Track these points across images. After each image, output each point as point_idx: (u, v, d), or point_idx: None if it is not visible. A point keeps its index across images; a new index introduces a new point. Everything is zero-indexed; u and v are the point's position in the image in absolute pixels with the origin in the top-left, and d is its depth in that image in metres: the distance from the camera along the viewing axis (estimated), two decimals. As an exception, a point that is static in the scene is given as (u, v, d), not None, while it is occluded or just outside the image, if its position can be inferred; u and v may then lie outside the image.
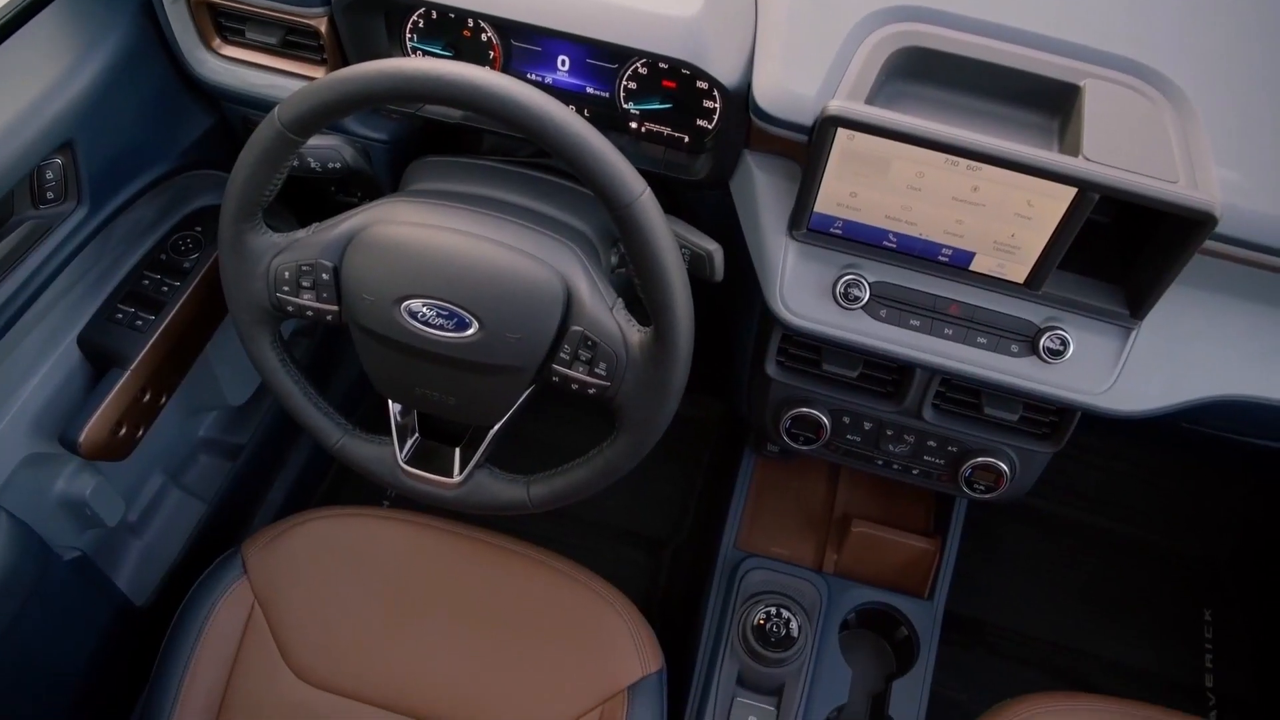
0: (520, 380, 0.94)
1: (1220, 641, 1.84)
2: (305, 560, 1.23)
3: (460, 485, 1.02)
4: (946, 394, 1.09)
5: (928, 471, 1.17)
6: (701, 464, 1.88)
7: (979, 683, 1.69)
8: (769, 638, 1.21)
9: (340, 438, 1.05)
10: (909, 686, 1.28)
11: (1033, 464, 1.13)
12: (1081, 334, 1.01)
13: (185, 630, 1.18)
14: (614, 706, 1.15)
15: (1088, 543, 1.91)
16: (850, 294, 1.00)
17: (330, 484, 1.85)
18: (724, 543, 1.36)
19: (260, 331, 1.01)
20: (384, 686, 1.17)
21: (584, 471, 0.98)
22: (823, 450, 1.17)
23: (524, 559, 1.23)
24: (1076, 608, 1.84)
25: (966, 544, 1.42)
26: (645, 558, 1.79)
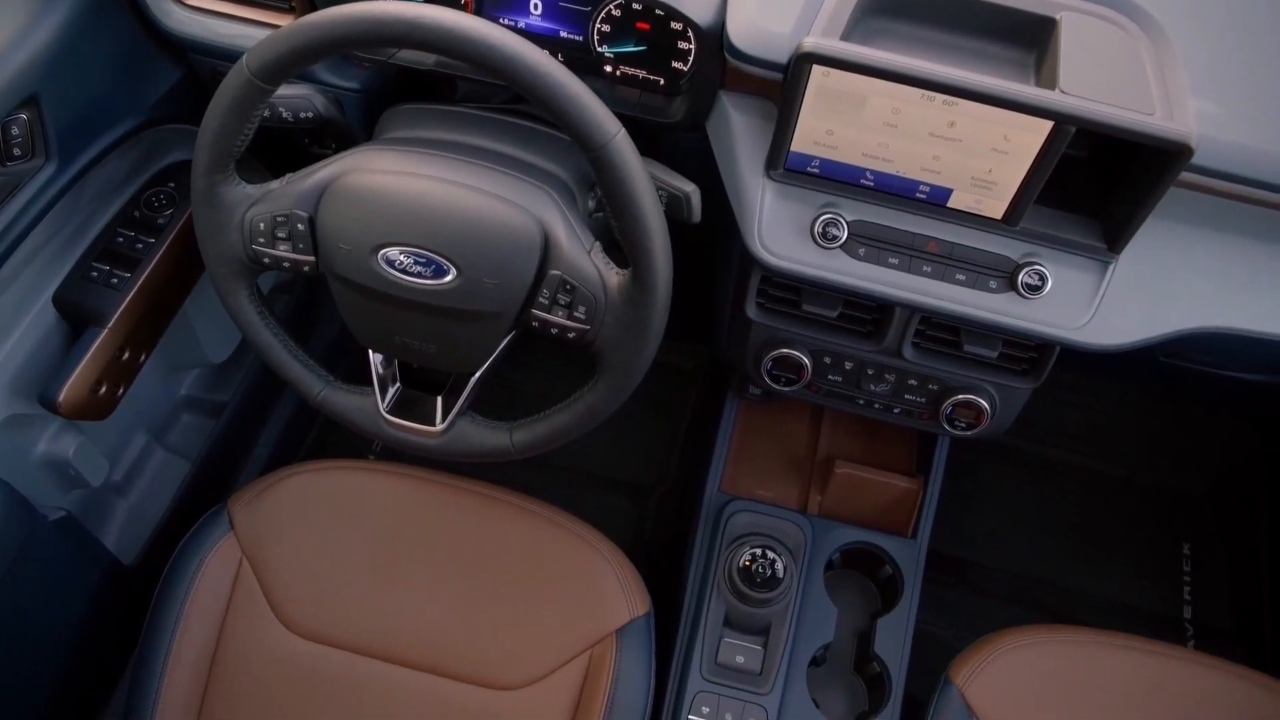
0: (500, 326, 0.93)
1: (1198, 574, 1.87)
2: (291, 514, 1.23)
3: (443, 433, 1.02)
4: (926, 332, 1.09)
5: (909, 410, 1.17)
6: (685, 411, 1.89)
7: (962, 619, 1.71)
8: (755, 579, 1.22)
9: (322, 389, 1.05)
10: (893, 624, 1.30)
11: (1013, 400, 1.14)
12: (1059, 269, 1.01)
13: (174, 587, 1.19)
14: (603, 650, 1.16)
15: (1068, 480, 1.93)
16: (828, 233, 0.99)
17: (315, 439, 1.85)
18: (708, 486, 1.37)
19: (237, 284, 1.00)
20: (374, 636, 1.18)
21: (566, 416, 0.98)
22: (804, 391, 1.17)
23: (510, 506, 1.24)
24: (1058, 544, 1.87)
25: (949, 484, 1.44)
26: (631, 505, 1.81)
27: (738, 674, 1.23)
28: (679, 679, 1.24)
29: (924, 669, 1.28)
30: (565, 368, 1.00)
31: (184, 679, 1.16)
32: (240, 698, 1.17)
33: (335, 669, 1.17)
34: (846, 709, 1.29)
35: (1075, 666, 1.22)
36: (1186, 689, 1.21)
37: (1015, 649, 1.22)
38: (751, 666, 1.23)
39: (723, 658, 1.23)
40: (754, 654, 1.24)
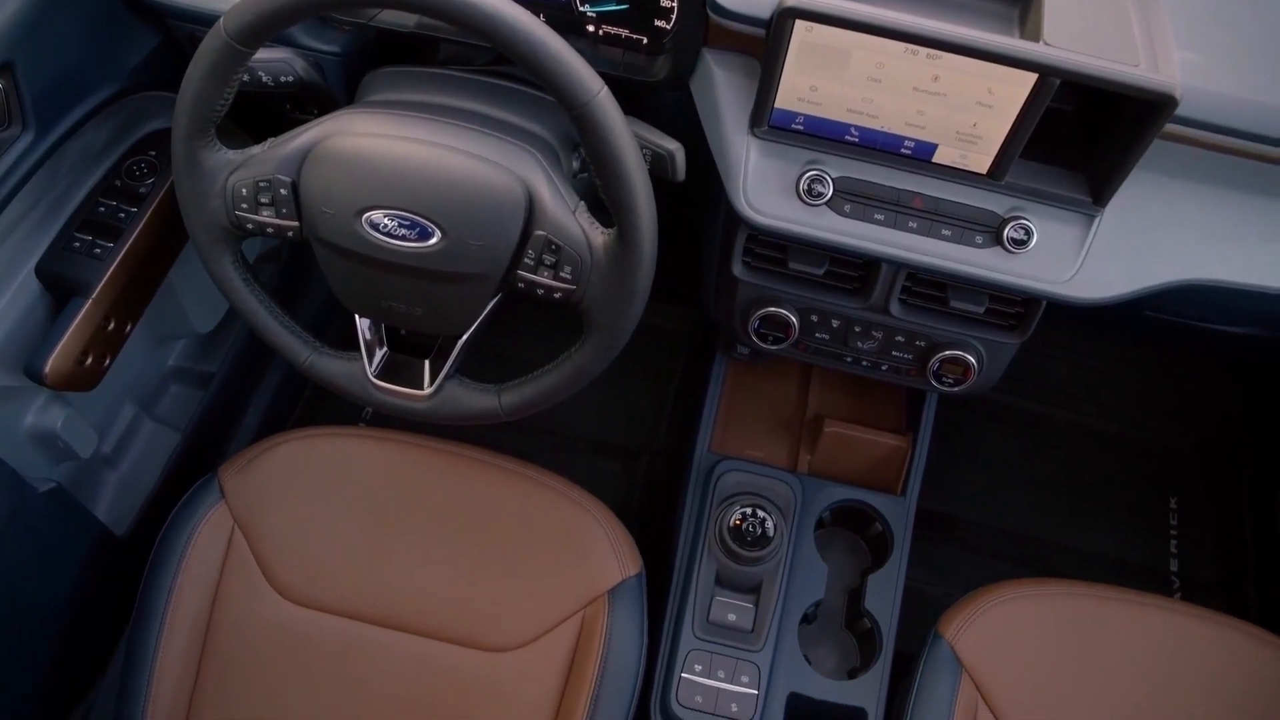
0: (486, 288, 0.93)
1: (1184, 528, 1.89)
2: (282, 481, 1.24)
3: (431, 397, 1.02)
4: (912, 288, 1.10)
5: (897, 367, 1.18)
6: (674, 373, 1.89)
7: (952, 576, 1.73)
8: (745, 537, 1.23)
9: (309, 355, 1.05)
10: (884, 580, 1.31)
11: (1000, 355, 1.14)
12: (1045, 223, 1.01)
13: (166, 557, 1.19)
14: (595, 610, 1.17)
15: (1056, 436, 1.95)
16: (814, 190, 0.99)
17: (304, 408, 1.85)
18: (698, 446, 1.37)
19: (221, 251, 1.00)
20: (367, 601, 1.18)
21: (554, 377, 0.98)
22: (792, 349, 1.18)
23: (500, 470, 1.24)
24: (1046, 500, 1.88)
25: (937, 442, 1.45)
26: (621, 467, 1.81)
27: (730, 632, 1.24)
28: (672, 637, 1.25)
29: (914, 625, 1.29)
30: (553, 332, 0.99)
31: (179, 648, 1.17)
32: (236, 664, 1.18)
33: (329, 634, 1.18)
34: (838, 664, 1.31)
35: (1063, 618, 1.23)
36: (1173, 638, 1.23)
37: (1004, 602, 1.23)
38: (743, 624, 1.24)
39: (715, 616, 1.24)
40: (746, 612, 1.25)
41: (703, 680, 1.21)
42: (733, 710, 1.19)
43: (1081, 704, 1.19)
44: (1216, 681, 1.21)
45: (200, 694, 1.17)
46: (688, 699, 1.20)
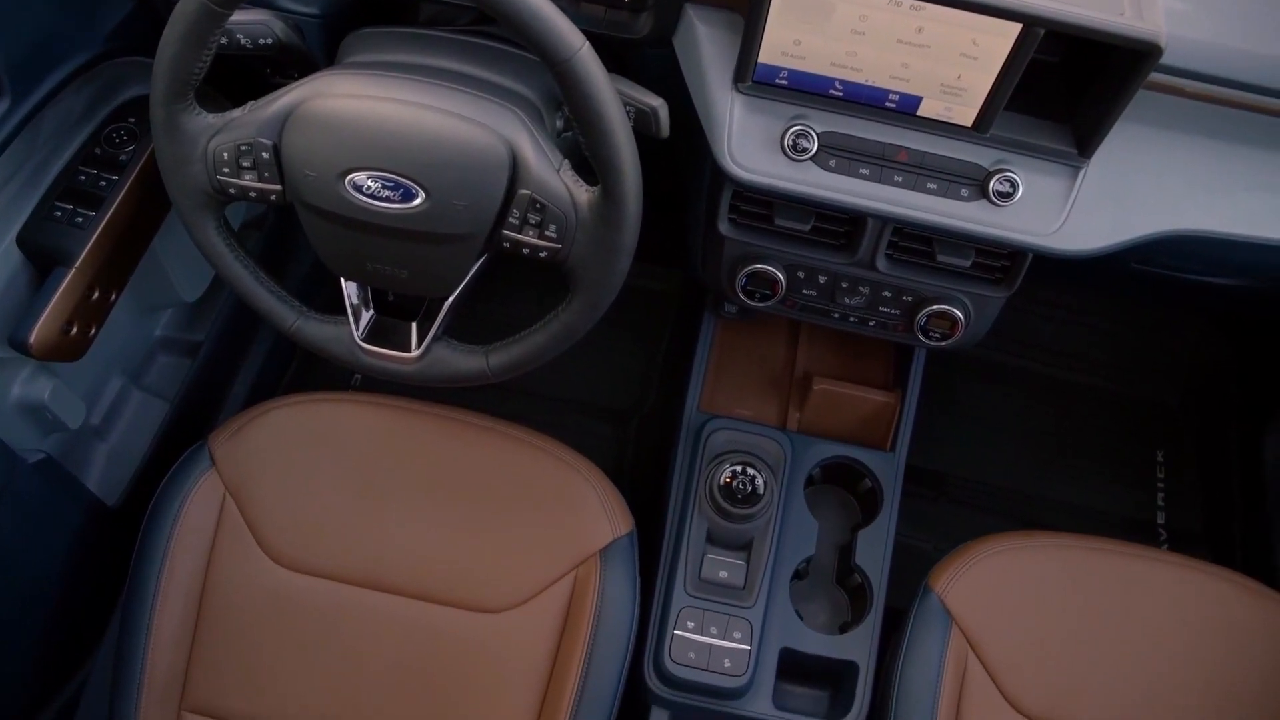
0: (471, 248, 0.93)
1: (1171, 480, 1.90)
2: (272, 448, 1.24)
3: (419, 359, 1.02)
4: (899, 243, 1.10)
5: (884, 322, 1.18)
6: (663, 335, 1.89)
7: (942, 531, 1.74)
8: (736, 495, 1.23)
9: (295, 320, 1.05)
10: (874, 536, 1.32)
11: (987, 309, 1.14)
12: (1030, 175, 1.01)
13: (158, 526, 1.19)
14: (587, 570, 1.18)
15: (1044, 393, 1.96)
16: (799, 145, 0.99)
17: (293, 375, 1.84)
18: (687, 405, 1.38)
19: (204, 217, 0.99)
20: (360, 565, 1.19)
21: (542, 337, 0.98)
22: (779, 306, 1.18)
23: (490, 432, 1.24)
24: (1034, 455, 1.89)
25: (926, 399, 1.45)
26: (612, 429, 1.82)
27: (722, 589, 1.25)
28: (664, 595, 1.26)
29: (904, 580, 1.30)
30: (540, 294, 0.99)
31: (174, 616, 1.17)
32: (231, 631, 1.18)
33: (323, 599, 1.18)
34: (829, 620, 1.32)
35: (1052, 569, 1.24)
36: (1159, 587, 1.24)
37: (993, 555, 1.25)
38: (735, 581, 1.25)
39: (706, 573, 1.25)
40: (737, 569, 1.26)
41: (695, 637, 1.22)
42: (725, 666, 1.20)
43: (1070, 653, 1.20)
44: (1203, 629, 1.23)
45: (196, 660, 1.18)
46: (681, 655, 1.21)
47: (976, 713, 1.19)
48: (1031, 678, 1.20)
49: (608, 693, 1.14)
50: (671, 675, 1.21)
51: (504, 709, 1.16)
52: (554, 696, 1.14)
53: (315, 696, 1.17)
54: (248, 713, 1.17)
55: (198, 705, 1.17)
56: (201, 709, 1.17)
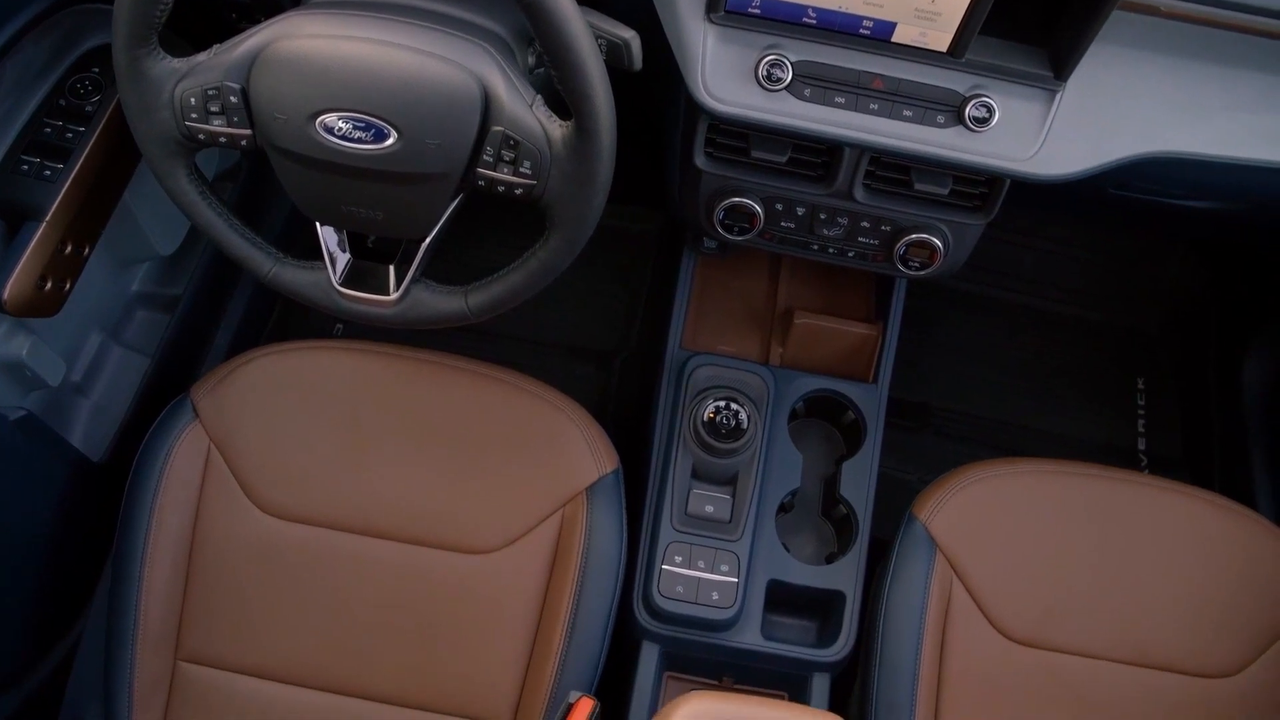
0: (446, 187, 0.92)
1: (1151, 407, 1.92)
2: (255, 397, 1.23)
3: (398, 302, 1.01)
4: (876, 172, 1.09)
5: (863, 253, 1.18)
6: (644, 275, 1.89)
7: (925, 462, 1.76)
8: (720, 430, 1.24)
9: (272, 267, 1.04)
10: (858, 467, 1.33)
11: (966, 237, 1.14)
12: (1006, 100, 1.01)
13: (144, 480, 1.19)
14: (574, 508, 1.19)
15: (1025, 322, 1.97)
16: (773, 75, 0.98)
17: (274, 327, 1.84)
18: (669, 343, 1.38)
19: (174, 165, 0.98)
20: (348, 511, 1.20)
21: (520, 275, 0.98)
22: (758, 239, 1.17)
23: (473, 375, 1.24)
24: (1016, 385, 1.91)
25: (908, 332, 1.46)
26: (596, 370, 1.82)
27: (708, 523, 1.26)
28: (651, 531, 1.27)
29: (889, 511, 1.32)
30: (519, 238, 0.99)
31: (164, 568, 1.18)
32: (222, 581, 1.19)
33: (313, 546, 1.19)
34: (815, 551, 1.33)
35: (1035, 494, 1.26)
36: (1140, 508, 1.26)
37: (976, 482, 1.26)
38: (721, 515, 1.26)
39: (692, 508, 1.26)
40: (723, 503, 1.26)
41: (683, 571, 1.23)
42: (714, 599, 1.22)
43: (1053, 576, 1.22)
44: (1182, 548, 1.25)
45: (189, 611, 1.19)
46: (669, 589, 1.22)
47: (961, 638, 1.21)
48: (1015, 602, 1.22)
49: (598, 628, 1.15)
50: (660, 609, 1.22)
51: (496, 648, 1.17)
52: (545, 634, 1.16)
53: (308, 642, 1.18)
54: (242, 660, 1.18)
55: (192, 654, 1.18)
56: (196, 658, 1.18)
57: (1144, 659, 1.22)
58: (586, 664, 1.15)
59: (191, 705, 1.17)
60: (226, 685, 1.18)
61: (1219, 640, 1.22)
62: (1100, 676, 1.21)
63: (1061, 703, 1.20)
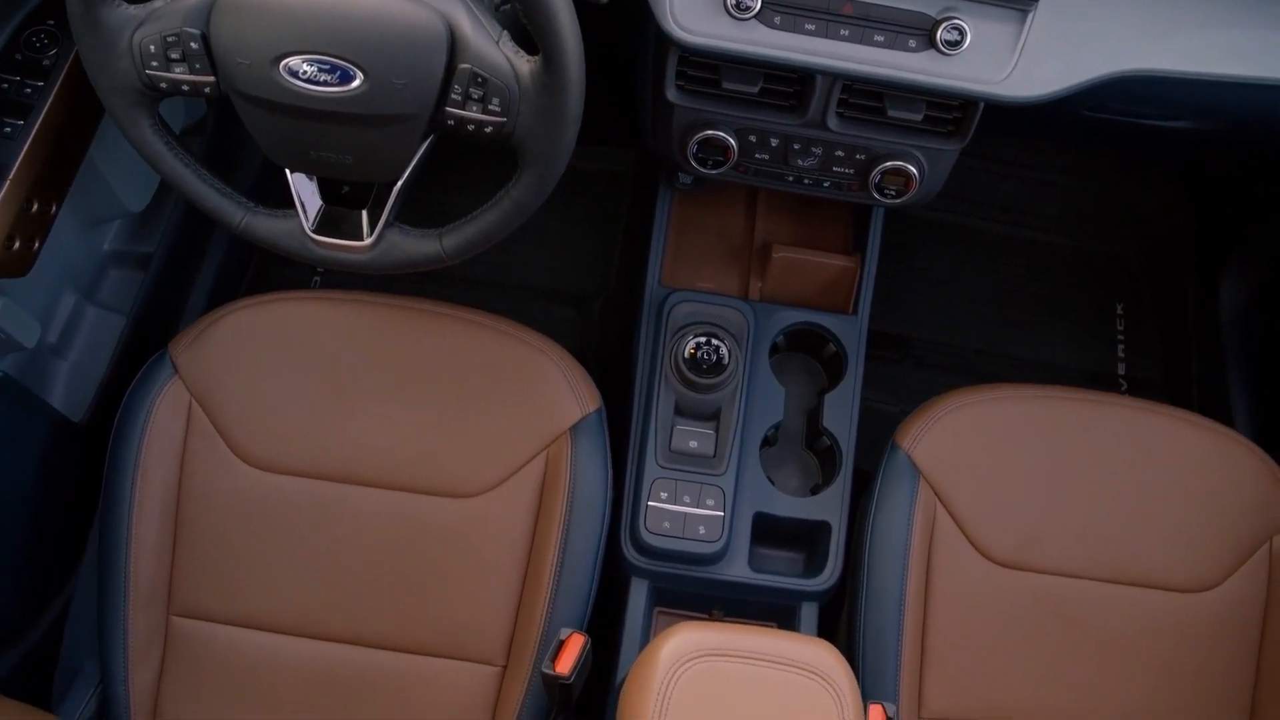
0: (415, 128, 0.91)
1: (1131, 332, 1.94)
2: (234, 350, 1.23)
3: (372, 247, 1.01)
4: (849, 100, 1.09)
5: (838, 182, 1.18)
6: (620, 217, 1.88)
7: (908, 394, 1.76)
8: (701, 366, 1.24)
9: (243, 217, 1.03)
10: (840, 398, 1.33)
11: (941, 163, 1.14)
12: (978, 22, 1.00)
13: (126, 438, 1.19)
14: (558, 449, 1.19)
15: (1004, 251, 1.97)
16: (742, 4, 0.97)
17: (251, 281, 1.82)
18: (648, 280, 1.37)
19: (138, 115, 0.97)
20: (333, 460, 1.20)
21: (494, 214, 0.97)
22: (732, 172, 1.17)
23: (452, 319, 1.24)
24: (996, 314, 1.91)
25: (888, 265, 1.46)
26: (576, 314, 1.82)
27: (693, 458, 1.26)
28: (636, 468, 1.27)
29: (873, 443, 1.32)
30: (493, 185, 0.98)
31: (152, 525, 1.18)
32: (210, 536, 1.20)
33: (299, 496, 1.19)
34: (800, 483, 1.34)
35: (1017, 419, 1.27)
36: (1119, 429, 1.28)
37: (958, 409, 1.27)
38: (705, 450, 1.26)
39: (676, 444, 1.26)
40: (707, 438, 1.27)
41: (669, 507, 1.24)
42: (700, 533, 1.23)
43: (1035, 499, 1.24)
44: (1162, 467, 1.26)
45: (179, 566, 1.19)
46: (656, 526, 1.23)
47: (946, 563, 1.22)
48: (998, 525, 1.23)
49: (587, 566, 1.16)
50: (648, 545, 1.23)
51: (486, 590, 1.18)
52: (534, 574, 1.17)
53: (300, 592, 1.18)
54: (235, 612, 1.19)
55: (185, 609, 1.19)
56: (189, 612, 1.19)
57: (1125, 576, 1.23)
58: (577, 602, 1.16)
59: (187, 658, 1.18)
60: (221, 637, 1.19)
61: (1198, 555, 1.24)
62: (1083, 595, 1.23)
63: (1045, 622, 1.22)
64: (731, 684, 0.89)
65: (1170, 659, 1.22)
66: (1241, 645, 1.23)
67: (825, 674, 0.90)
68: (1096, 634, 1.22)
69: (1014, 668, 1.21)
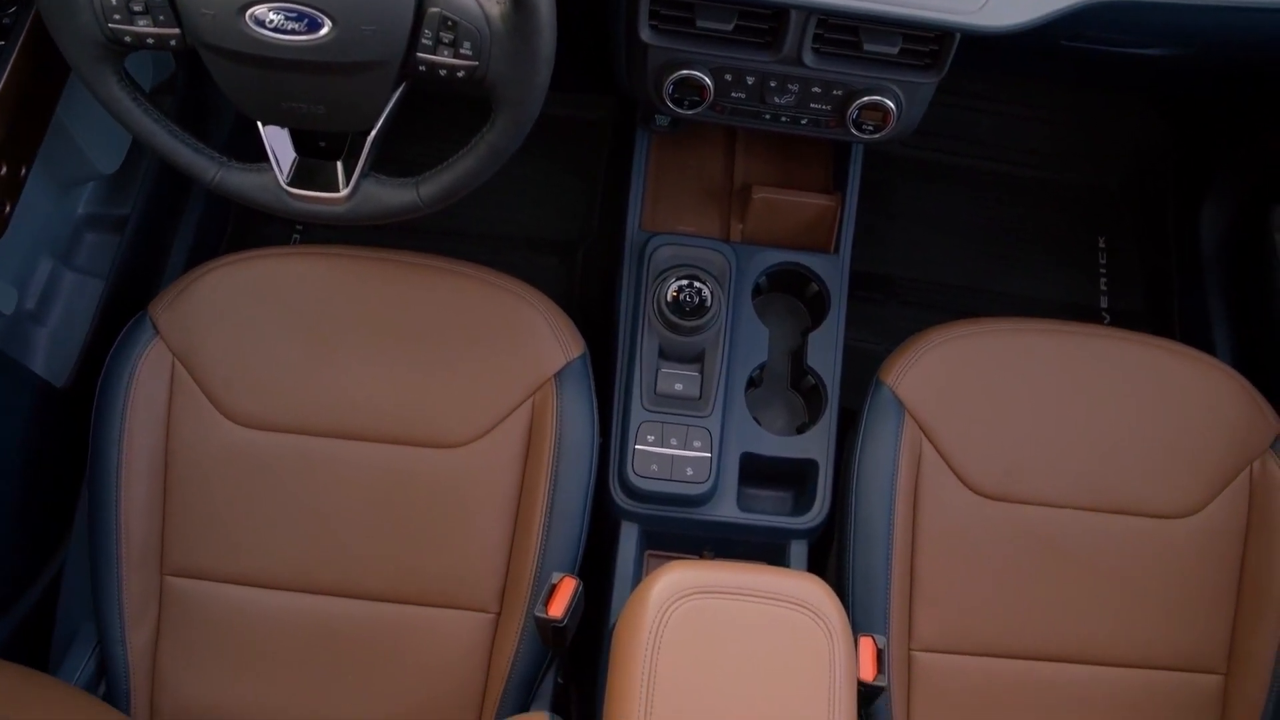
0: (386, 75, 0.90)
1: (1113, 264, 1.94)
2: (215, 308, 1.22)
3: (349, 198, 1.00)
4: (824, 35, 1.08)
5: (816, 119, 1.17)
6: (600, 164, 1.87)
7: (892, 333, 1.76)
8: (683, 308, 1.24)
9: (217, 172, 1.02)
10: (824, 337, 1.34)
11: (918, 97, 1.14)
12: (952, -50, 0.99)
13: (110, 401, 1.18)
14: (543, 395, 1.19)
15: (984, 187, 1.96)
16: (714, -62, 0.96)
17: (230, 240, 1.81)
18: (629, 225, 1.37)
19: (103, 71, 0.95)
20: (319, 415, 1.20)
21: (470, 161, 0.96)
22: (709, 112, 1.16)
23: (434, 270, 1.24)
24: (979, 251, 1.91)
25: (870, 205, 1.45)
26: (559, 263, 1.81)
27: (678, 401, 1.26)
28: (622, 412, 1.28)
29: (858, 384, 1.32)
30: (466, 135, 0.97)
31: (141, 487, 1.18)
32: (200, 495, 1.20)
33: (285, 452, 1.20)
34: (787, 423, 1.35)
35: (998, 352, 1.28)
36: (1102, 358, 1.28)
37: (942, 344, 1.27)
38: (690, 393, 1.27)
39: (661, 388, 1.27)
40: (691, 380, 1.27)
41: (656, 449, 1.24)
42: (688, 474, 1.23)
43: (1019, 431, 1.25)
44: (1145, 394, 1.27)
45: (170, 526, 1.19)
46: (644, 468, 1.24)
47: (932, 496, 1.24)
48: (983, 458, 1.24)
49: (576, 511, 1.17)
50: (636, 488, 1.24)
51: (477, 538, 1.19)
52: (524, 521, 1.18)
53: (291, 547, 1.19)
54: (229, 569, 1.19)
55: (178, 568, 1.19)
56: (183, 571, 1.19)
57: (1109, 504, 1.25)
58: (567, 547, 1.17)
59: (183, 617, 1.19)
60: (216, 595, 1.19)
61: (1180, 482, 1.26)
62: (1068, 524, 1.24)
63: (1032, 552, 1.24)
64: (723, 621, 0.90)
65: (1154, 584, 1.24)
66: (1222, 569, 1.25)
67: (815, 608, 0.91)
68: (1082, 562, 1.24)
69: (1002, 597, 1.23)
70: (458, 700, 1.18)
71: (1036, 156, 1.99)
